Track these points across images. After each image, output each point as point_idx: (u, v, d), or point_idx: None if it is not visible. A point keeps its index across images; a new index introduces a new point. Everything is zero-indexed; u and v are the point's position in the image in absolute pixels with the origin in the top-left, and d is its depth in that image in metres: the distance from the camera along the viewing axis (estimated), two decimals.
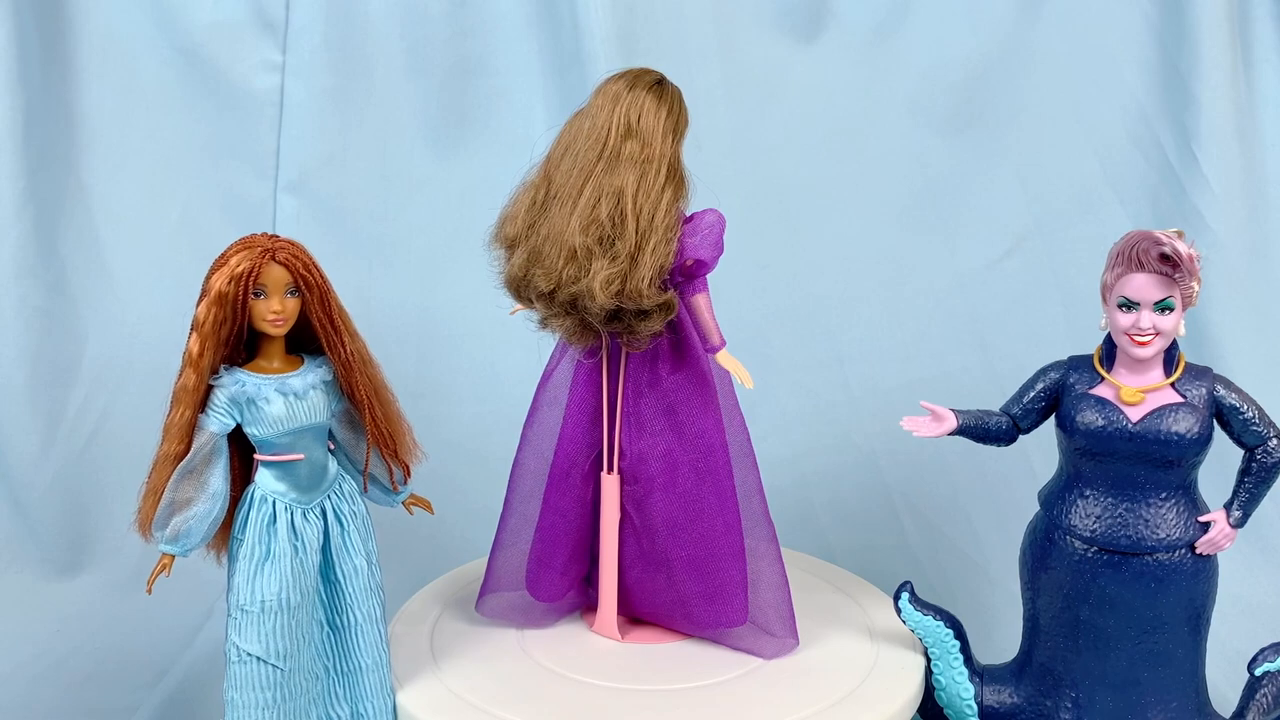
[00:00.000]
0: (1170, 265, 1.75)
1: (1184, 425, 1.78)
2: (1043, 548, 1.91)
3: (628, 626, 2.08)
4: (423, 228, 3.00)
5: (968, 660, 1.99)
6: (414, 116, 2.98)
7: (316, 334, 1.74)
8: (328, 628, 1.84)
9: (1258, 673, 1.91)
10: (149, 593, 1.73)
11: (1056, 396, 1.90)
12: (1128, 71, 2.93)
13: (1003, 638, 2.17)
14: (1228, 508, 1.84)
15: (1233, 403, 1.82)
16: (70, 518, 2.82)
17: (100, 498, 2.82)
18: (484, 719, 1.80)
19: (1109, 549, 1.83)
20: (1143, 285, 1.76)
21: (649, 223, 1.77)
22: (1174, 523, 1.82)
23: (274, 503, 1.75)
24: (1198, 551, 1.83)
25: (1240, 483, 1.85)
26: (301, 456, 1.76)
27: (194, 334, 1.67)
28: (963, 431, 1.95)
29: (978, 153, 3.00)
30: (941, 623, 1.96)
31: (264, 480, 1.76)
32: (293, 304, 1.70)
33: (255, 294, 1.68)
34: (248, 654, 1.72)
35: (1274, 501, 1.95)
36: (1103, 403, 1.83)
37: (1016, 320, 2.96)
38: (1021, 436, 1.97)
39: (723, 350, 1.92)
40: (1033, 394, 1.93)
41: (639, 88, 1.83)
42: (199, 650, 2.52)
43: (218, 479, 1.72)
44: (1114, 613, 1.84)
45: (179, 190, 2.94)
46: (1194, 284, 1.77)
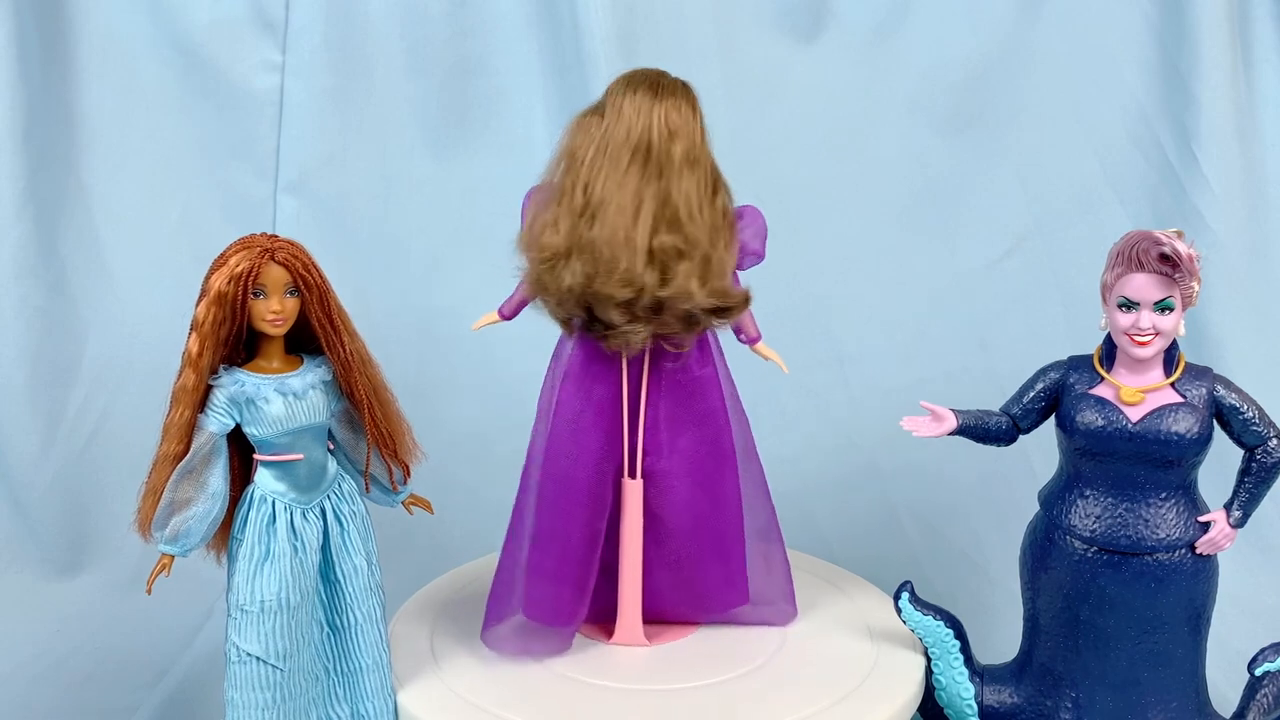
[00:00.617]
0: (1170, 265, 1.75)
1: (1184, 425, 1.78)
2: (1043, 548, 1.91)
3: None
4: (423, 228, 3.00)
5: (968, 660, 1.99)
6: (414, 116, 2.98)
7: (316, 334, 1.74)
8: (328, 628, 1.84)
9: (1258, 673, 1.91)
10: (149, 593, 1.73)
11: (1056, 396, 1.90)
12: (1128, 71, 2.93)
13: (1003, 638, 2.17)
14: (1228, 508, 1.84)
15: (1233, 403, 1.82)
16: (70, 518, 2.82)
17: (100, 498, 2.82)
18: (485, 718, 1.80)
19: (1109, 549, 1.83)
20: (1142, 285, 1.76)
21: (721, 219, 1.82)
22: (1174, 523, 1.82)
23: (273, 503, 1.75)
24: (1198, 551, 1.83)
25: (1240, 483, 1.85)
26: (301, 456, 1.76)
27: (193, 334, 1.67)
28: (962, 431, 1.95)
29: (978, 153, 3.00)
30: (941, 623, 1.96)
31: (263, 480, 1.76)
32: (292, 304, 1.70)
33: (255, 294, 1.68)
34: (247, 654, 1.72)
35: (1274, 501, 1.95)
36: (1102, 403, 1.83)
37: (1016, 320, 2.96)
38: (1021, 436, 1.97)
39: (760, 340, 2.02)
40: (1033, 394, 1.92)
41: (667, 90, 1.82)
42: (199, 650, 2.52)
43: (217, 479, 1.72)
44: (1114, 613, 1.84)
45: (179, 190, 2.94)
46: (1194, 284, 1.77)
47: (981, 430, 1.95)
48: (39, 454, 2.81)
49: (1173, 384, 1.82)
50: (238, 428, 1.73)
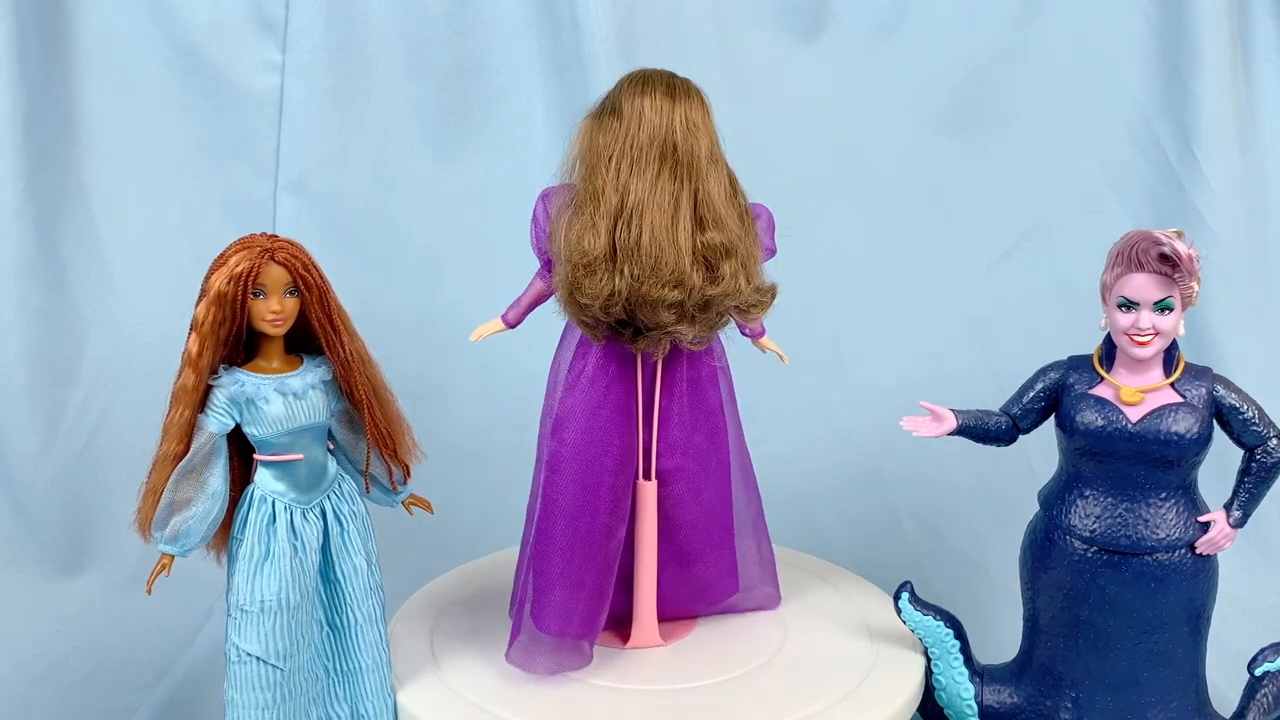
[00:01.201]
0: (1170, 265, 1.75)
1: (1184, 425, 1.78)
2: (1042, 548, 1.91)
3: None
4: (423, 228, 3.00)
5: (968, 660, 1.99)
6: (414, 116, 2.97)
7: (315, 334, 1.74)
8: (327, 628, 1.84)
9: (1258, 673, 1.91)
10: (149, 593, 1.73)
11: (1056, 396, 1.90)
12: (1128, 71, 2.93)
13: (1003, 638, 2.17)
14: (1227, 508, 1.84)
15: (1232, 403, 1.82)
16: (70, 518, 2.82)
17: (100, 498, 2.82)
18: (485, 719, 1.80)
19: (1109, 549, 1.83)
20: (1142, 285, 1.76)
21: (749, 218, 1.85)
22: (1174, 523, 1.82)
23: (273, 503, 1.75)
24: (1198, 551, 1.83)
25: (1240, 483, 1.85)
26: (301, 456, 1.76)
27: (193, 334, 1.67)
28: (962, 431, 1.95)
29: (978, 153, 3.00)
30: (941, 623, 1.96)
31: (263, 480, 1.76)
32: (292, 304, 1.70)
33: (254, 294, 1.68)
34: (247, 654, 1.72)
35: (1274, 501, 1.95)
36: (1102, 403, 1.83)
37: (1016, 320, 2.96)
38: (1021, 436, 1.97)
39: (765, 334, 2.10)
40: (1032, 394, 1.93)
41: (682, 91, 1.82)
42: (199, 650, 2.52)
43: (217, 479, 1.72)
44: (1114, 613, 1.84)
45: (179, 190, 2.93)
46: (1193, 284, 1.77)
47: (981, 430, 1.95)
48: (39, 454, 2.81)
49: (1172, 384, 1.82)
50: (238, 428, 1.73)
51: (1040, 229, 2.99)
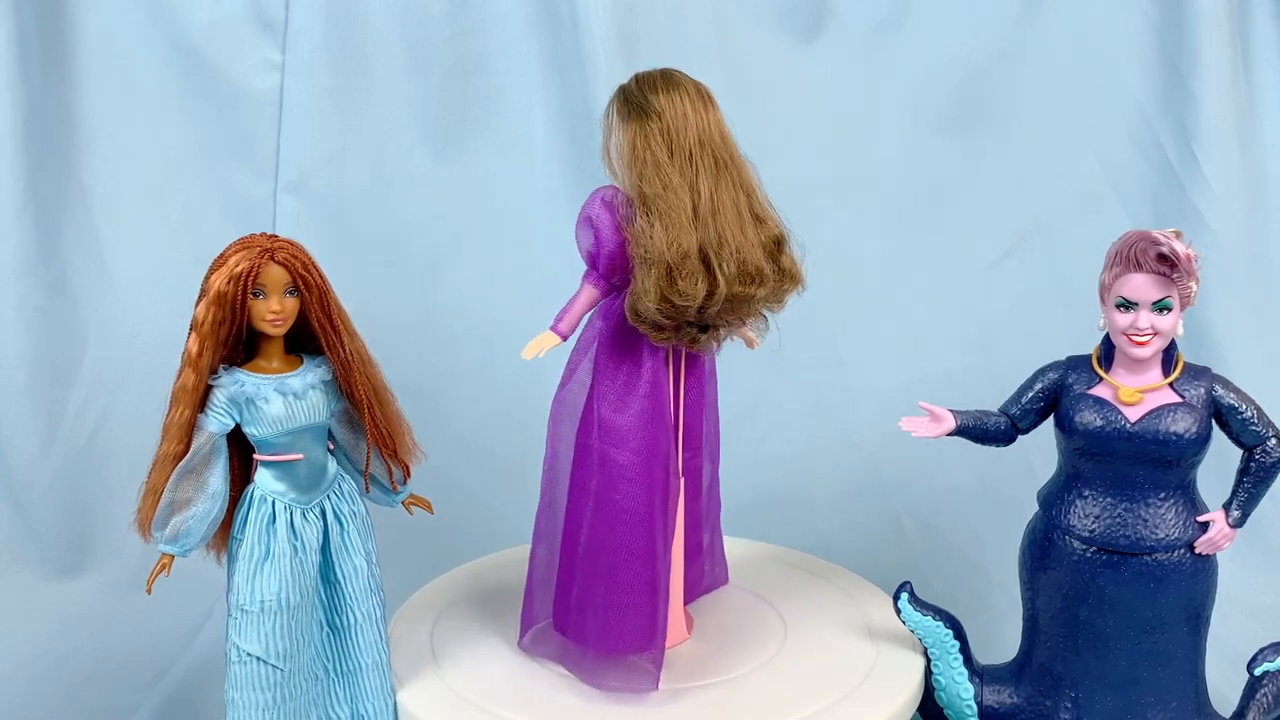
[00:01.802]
0: (1168, 265, 1.75)
1: (1182, 425, 1.78)
2: (1042, 548, 1.91)
3: None
4: (423, 228, 2.99)
5: (967, 660, 1.99)
6: (414, 116, 2.97)
7: (316, 334, 1.74)
8: (328, 628, 1.84)
9: (1257, 673, 1.91)
10: (149, 593, 1.74)
11: (1055, 397, 1.90)
12: (1128, 71, 2.93)
13: (1003, 638, 2.17)
14: (1227, 508, 1.84)
15: (1231, 402, 1.82)
16: (70, 518, 2.82)
17: (100, 498, 2.82)
18: (485, 718, 1.80)
19: (1108, 549, 1.83)
20: (1141, 285, 1.76)
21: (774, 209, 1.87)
22: (1173, 523, 1.82)
23: (273, 503, 1.75)
24: (1197, 551, 1.83)
25: (1239, 482, 1.85)
26: (301, 456, 1.76)
27: (193, 334, 1.67)
28: (961, 432, 1.95)
29: (978, 153, 3.00)
30: (941, 623, 1.96)
31: (263, 480, 1.76)
32: (292, 304, 1.70)
33: (254, 294, 1.68)
34: (248, 654, 1.73)
35: (1274, 501, 1.95)
36: (1101, 403, 1.83)
37: (1016, 320, 2.96)
38: (1021, 436, 1.97)
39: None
40: (1031, 394, 1.93)
41: (704, 90, 1.83)
42: (199, 650, 2.53)
43: (217, 479, 1.72)
44: (1113, 613, 1.84)
45: (179, 190, 2.93)
46: (1192, 284, 1.77)
47: (980, 430, 1.95)
48: (39, 454, 2.81)
49: (1171, 384, 1.82)
50: (238, 428, 1.73)
51: (1040, 229, 2.99)
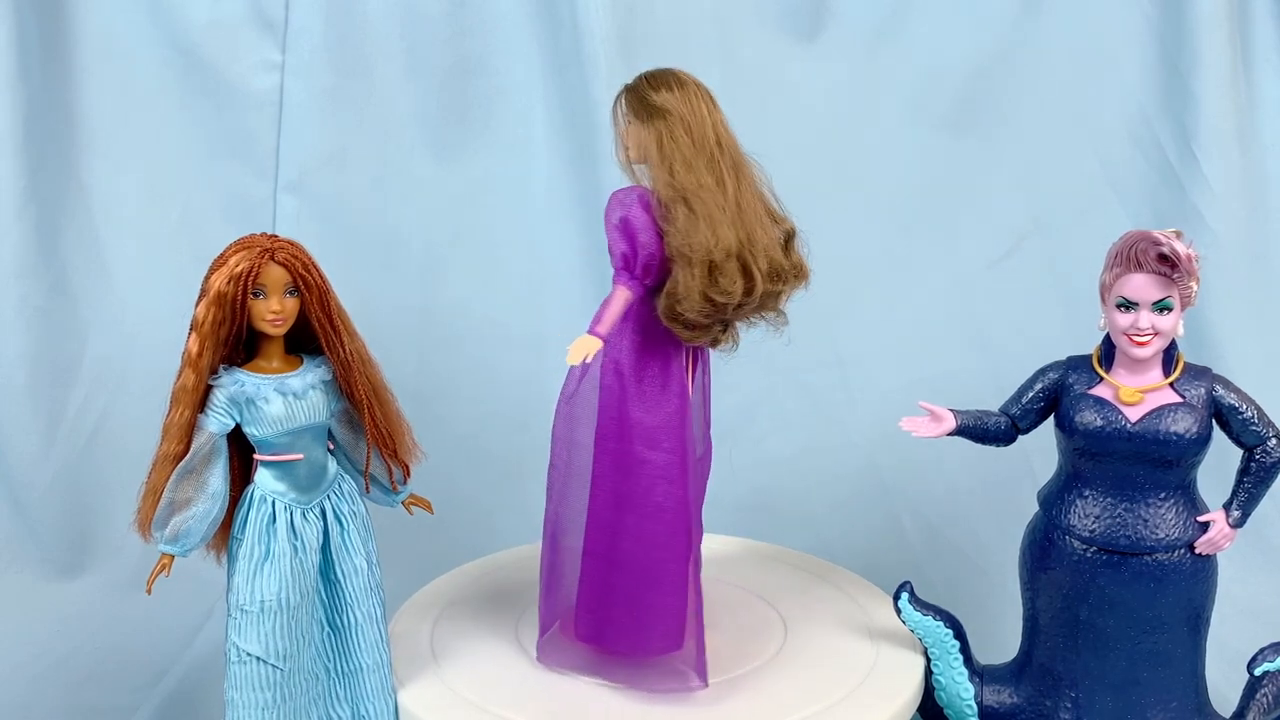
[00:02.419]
0: (1168, 265, 1.75)
1: (1183, 425, 1.78)
2: (1042, 548, 1.91)
3: None
4: (423, 228, 2.99)
5: (967, 660, 1.99)
6: (414, 116, 2.97)
7: (316, 334, 1.74)
8: (328, 628, 1.84)
9: (1257, 673, 1.91)
10: (149, 593, 1.74)
11: (1055, 397, 1.90)
12: (1128, 71, 2.93)
13: (1003, 638, 2.17)
14: (1227, 508, 1.84)
15: (1231, 402, 1.82)
16: (70, 518, 2.82)
17: (100, 498, 2.82)
18: (485, 718, 1.80)
19: (1108, 549, 1.83)
20: (1141, 285, 1.76)
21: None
22: (1173, 523, 1.82)
23: (273, 503, 1.75)
24: (1197, 551, 1.83)
25: (1239, 483, 1.85)
26: (301, 456, 1.76)
27: (193, 334, 1.67)
28: (961, 432, 1.95)
29: (978, 153, 2.99)
30: (941, 623, 1.96)
31: (263, 480, 1.76)
32: (292, 304, 1.70)
33: (254, 294, 1.68)
34: (248, 654, 1.73)
35: (1274, 501, 1.95)
36: (1101, 403, 1.83)
37: (1016, 320, 2.95)
38: (1021, 437, 1.97)
39: None
40: (1031, 394, 1.93)
41: (703, 88, 1.84)
42: (199, 650, 2.53)
43: (217, 479, 1.72)
44: (1113, 613, 1.84)
45: (179, 190, 2.93)
46: (1192, 284, 1.77)
47: (980, 431, 1.95)
48: (39, 454, 2.81)
49: (1172, 384, 1.82)
50: (238, 428, 1.73)
51: (1040, 229, 2.98)
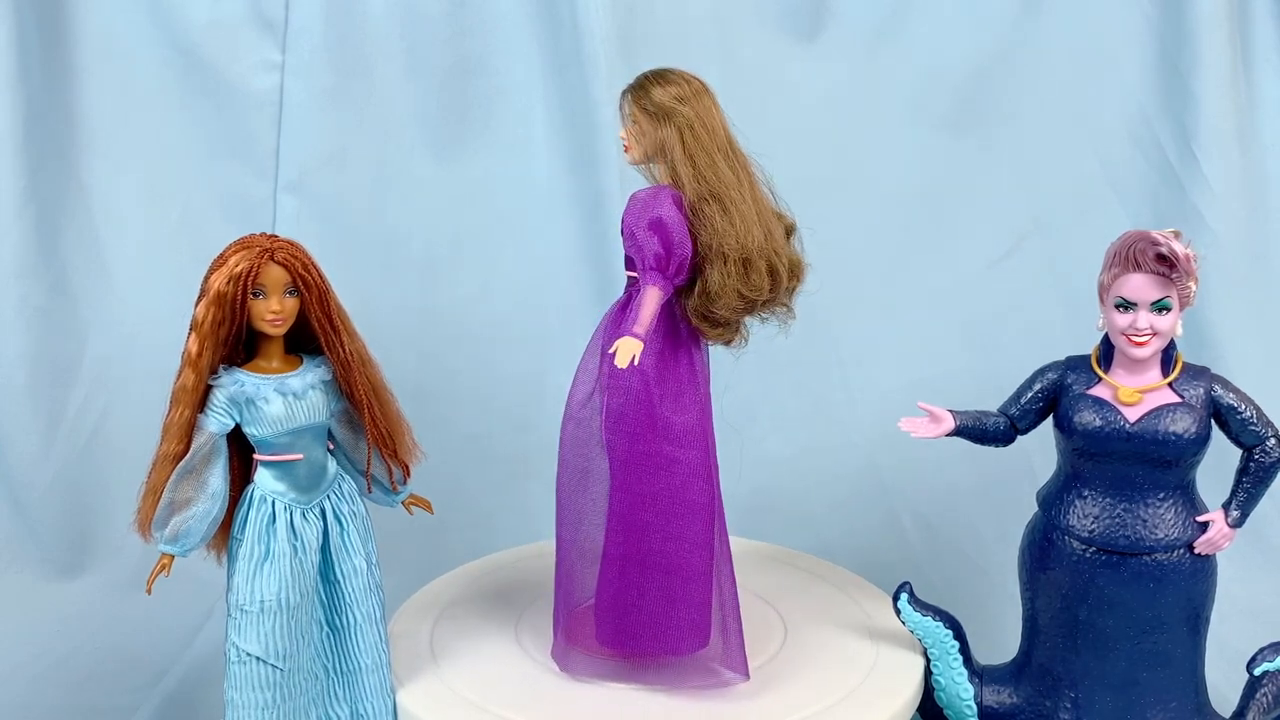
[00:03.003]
0: (1167, 265, 1.75)
1: (1182, 425, 1.78)
2: (1041, 548, 1.91)
3: None
4: (423, 228, 3.00)
5: (967, 660, 1.99)
6: (414, 116, 2.97)
7: (316, 334, 1.74)
8: (327, 628, 1.84)
9: (1257, 673, 1.91)
10: (149, 593, 1.74)
11: (1054, 397, 1.90)
12: (1128, 71, 2.93)
13: (1003, 638, 2.17)
14: (1226, 508, 1.84)
15: (1230, 402, 1.82)
16: (70, 518, 2.82)
17: (100, 498, 2.82)
18: (485, 718, 1.80)
19: (1107, 549, 1.83)
20: (1140, 285, 1.76)
21: None
22: (1172, 523, 1.82)
23: (273, 503, 1.75)
24: (1196, 551, 1.83)
25: (1238, 482, 1.85)
26: (301, 456, 1.76)
27: (193, 334, 1.67)
28: (960, 432, 1.95)
29: (978, 153, 3.00)
30: (940, 623, 1.96)
31: (263, 480, 1.76)
32: (291, 304, 1.70)
33: (254, 294, 1.68)
34: (247, 654, 1.73)
35: (1273, 501, 1.95)
36: (1100, 403, 1.83)
37: (1016, 320, 2.96)
38: (1021, 437, 1.97)
39: None
40: (1030, 394, 1.93)
41: (707, 87, 1.85)
42: (199, 650, 2.53)
43: (217, 479, 1.72)
44: (1113, 613, 1.84)
45: (179, 190, 2.94)
46: (1191, 284, 1.77)
47: (979, 431, 1.95)
48: (39, 454, 2.81)
49: (1170, 384, 1.82)
50: (238, 428, 1.73)
51: (1040, 229, 2.99)
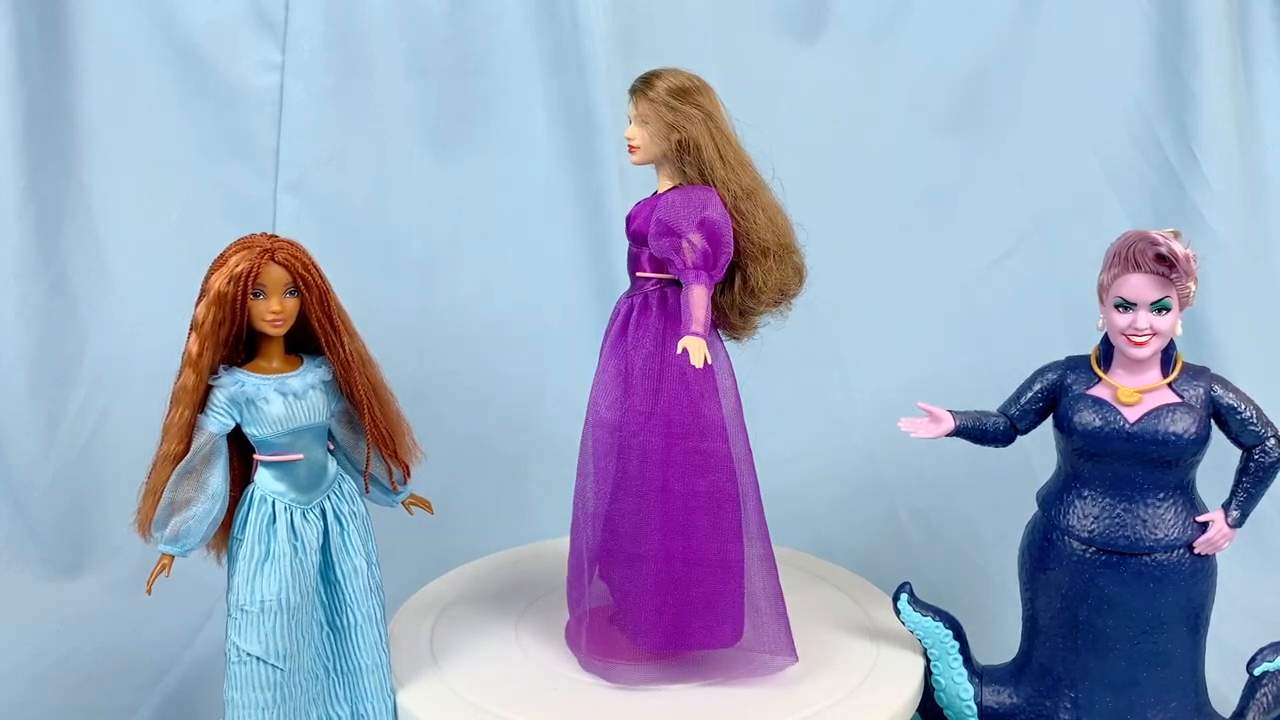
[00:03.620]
0: (1166, 265, 1.75)
1: (1181, 425, 1.78)
2: (1041, 548, 1.91)
3: None
4: (423, 228, 3.00)
5: (967, 661, 1.99)
6: (414, 116, 2.97)
7: (316, 334, 1.74)
8: (327, 628, 1.85)
9: (1257, 673, 1.91)
10: (149, 593, 1.74)
11: (1054, 397, 1.90)
12: (1128, 71, 2.93)
13: (1003, 638, 2.17)
14: (1226, 508, 1.85)
15: (1230, 402, 1.82)
16: (70, 518, 2.82)
17: (100, 498, 2.82)
18: (484, 718, 1.80)
19: (1107, 549, 1.83)
20: (1139, 286, 1.76)
21: None
22: (1172, 523, 1.82)
23: (273, 503, 1.75)
24: (1196, 551, 1.83)
25: (1238, 482, 1.85)
26: (301, 456, 1.76)
27: (193, 334, 1.67)
28: (960, 433, 1.95)
29: (978, 153, 3.00)
30: (940, 623, 1.96)
31: (263, 480, 1.76)
32: (292, 304, 1.70)
33: (254, 294, 1.68)
34: (247, 654, 1.73)
35: (1273, 501, 1.95)
36: (1100, 403, 1.83)
37: (1016, 320, 2.96)
38: (1021, 437, 1.97)
39: None
40: (1030, 394, 1.93)
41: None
42: (199, 650, 2.53)
43: (217, 479, 1.72)
44: (1113, 613, 1.84)
45: (179, 190, 2.94)
46: (1190, 284, 1.77)
47: (979, 431, 1.95)
48: (39, 454, 2.81)
49: (1170, 384, 1.82)
50: (238, 428, 1.73)
51: (1040, 229, 2.99)
